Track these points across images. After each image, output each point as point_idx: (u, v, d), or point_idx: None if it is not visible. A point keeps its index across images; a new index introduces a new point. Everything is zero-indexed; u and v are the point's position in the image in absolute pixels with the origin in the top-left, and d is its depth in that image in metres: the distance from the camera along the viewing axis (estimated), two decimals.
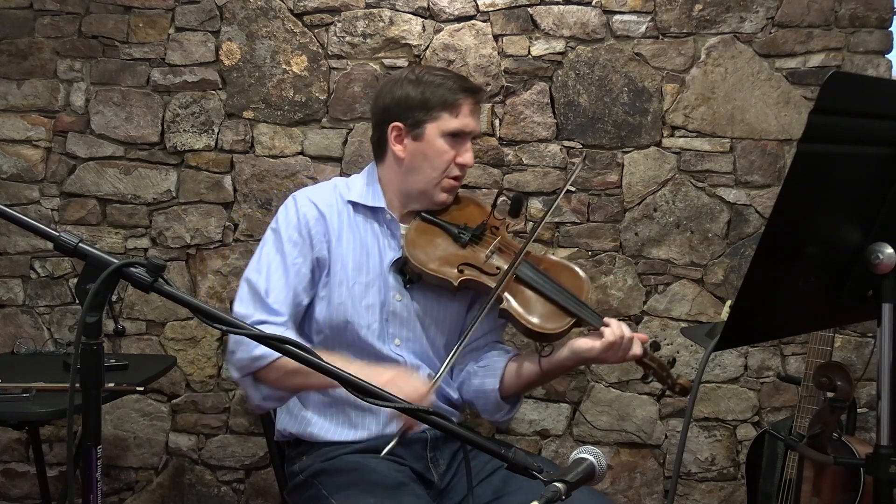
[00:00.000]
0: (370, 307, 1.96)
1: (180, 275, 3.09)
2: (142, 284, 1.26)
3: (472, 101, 1.99)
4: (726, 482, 3.05)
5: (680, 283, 3.02)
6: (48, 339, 3.12)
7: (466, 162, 1.99)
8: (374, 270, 1.98)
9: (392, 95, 1.99)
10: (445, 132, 1.96)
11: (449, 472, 1.97)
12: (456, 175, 2.00)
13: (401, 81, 2.00)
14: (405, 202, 2.03)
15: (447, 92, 1.96)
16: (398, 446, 1.73)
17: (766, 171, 2.97)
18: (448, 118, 1.96)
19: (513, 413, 2.07)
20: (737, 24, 2.96)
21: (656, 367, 1.95)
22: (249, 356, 1.81)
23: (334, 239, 1.97)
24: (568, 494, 1.21)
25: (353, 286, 1.95)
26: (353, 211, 2.01)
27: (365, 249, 1.99)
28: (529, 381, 1.99)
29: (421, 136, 1.97)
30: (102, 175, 3.09)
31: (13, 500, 3.16)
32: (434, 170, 1.98)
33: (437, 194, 2.00)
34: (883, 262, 1.35)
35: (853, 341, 2.98)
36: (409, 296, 1.99)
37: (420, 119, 1.96)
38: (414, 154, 1.98)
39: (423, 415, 1.30)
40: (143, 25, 3.06)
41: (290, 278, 1.91)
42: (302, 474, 1.95)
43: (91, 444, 1.27)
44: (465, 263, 1.96)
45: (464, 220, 2.03)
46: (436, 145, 1.96)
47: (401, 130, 1.98)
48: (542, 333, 1.91)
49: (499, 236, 2.03)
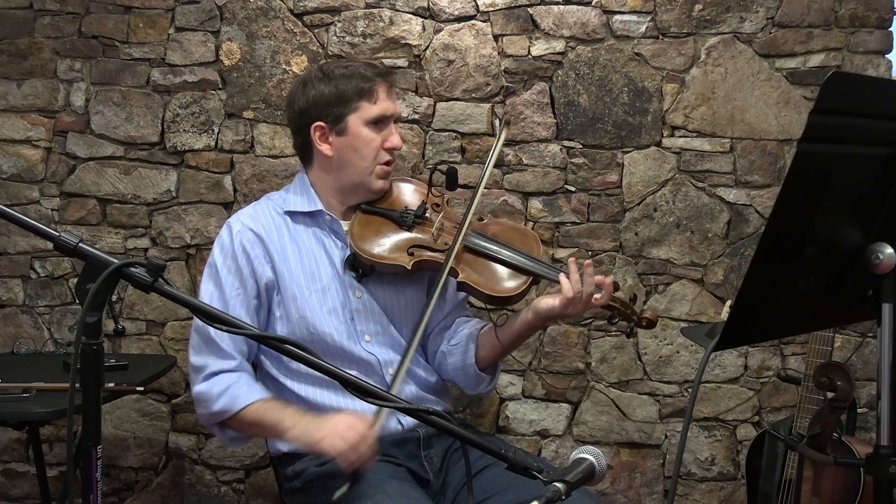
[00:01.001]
0: (332, 311, 1.95)
1: (180, 275, 3.09)
2: (142, 284, 1.26)
3: (386, 85, 1.99)
4: (726, 482, 3.05)
5: (680, 283, 3.02)
6: (48, 339, 3.12)
7: (395, 145, 2.00)
8: (328, 274, 1.98)
9: (306, 97, 1.99)
10: (368, 120, 1.96)
11: (443, 469, 1.97)
12: (387, 160, 2.00)
13: (311, 82, 2.00)
14: (343, 199, 2.03)
15: (359, 80, 1.96)
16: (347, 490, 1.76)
17: (766, 171, 2.97)
18: (367, 106, 1.96)
19: (493, 384, 2.08)
20: (737, 24, 2.96)
21: (619, 305, 1.94)
22: (209, 412, 1.91)
23: (276, 256, 1.96)
24: (568, 494, 1.21)
25: (310, 296, 1.95)
26: (293, 221, 2.01)
27: (312, 256, 1.98)
28: (502, 348, 2.00)
29: (344, 129, 1.97)
30: (102, 175, 3.09)
31: (13, 500, 3.16)
32: (364, 159, 1.98)
33: (373, 182, 2.00)
34: (883, 262, 1.35)
35: (853, 341, 2.98)
36: (367, 290, 1.99)
37: (340, 113, 1.96)
38: (342, 149, 1.98)
39: (422, 415, 1.30)
40: (143, 25, 3.06)
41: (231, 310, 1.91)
42: (297, 480, 1.94)
43: (91, 444, 1.27)
44: (414, 245, 1.97)
45: (403, 203, 2.04)
46: (361, 135, 1.97)
47: (324, 129, 1.97)
48: (502, 297, 1.93)
49: (441, 212, 2.03)
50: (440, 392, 2.09)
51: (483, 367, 2.02)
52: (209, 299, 1.94)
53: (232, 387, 1.89)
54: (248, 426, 1.91)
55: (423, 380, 2.04)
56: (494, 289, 1.92)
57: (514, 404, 3.07)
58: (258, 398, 1.89)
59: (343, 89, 1.96)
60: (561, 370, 3.05)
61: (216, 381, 1.90)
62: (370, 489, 1.79)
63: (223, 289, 1.94)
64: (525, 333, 1.97)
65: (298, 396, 1.95)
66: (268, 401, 1.89)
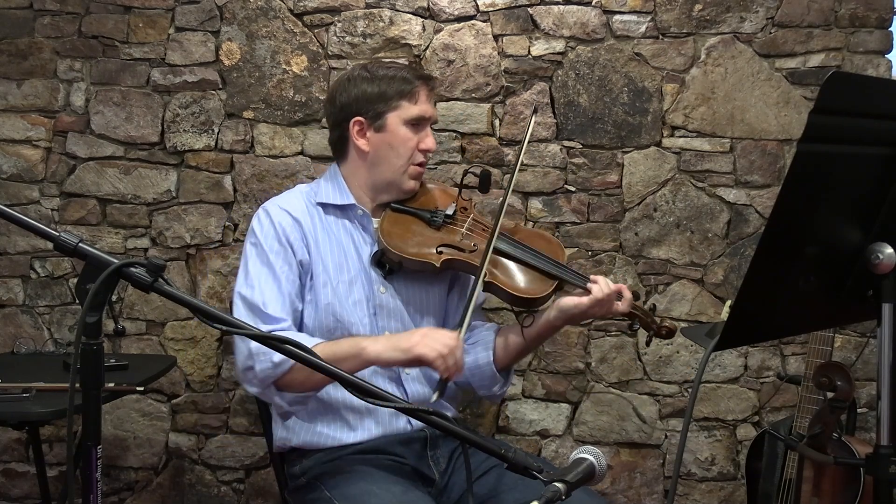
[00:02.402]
0: (357, 303, 1.97)
1: (180, 275, 3.08)
2: (142, 284, 1.26)
3: (427, 88, 2.03)
4: (726, 482, 3.05)
5: (680, 283, 3.02)
6: (48, 339, 3.12)
7: (429, 147, 2.03)
8: (355, 267, 2.00)
9: (348, 94, 2.02)
10: (407, 120, 1.99)
11: (449, 470, 1.98)
12: (421, 161, 2.03)
13: (354, 80, 2.03)
14: (374, 196, 2.05)
15: (402, 81, 2.00)
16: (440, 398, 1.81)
17: (766, 171, 2.97)
18: (408, 106, 1.99)
19: (506, 386, 2.10)
20: (737, 24, 2.96)
21: (640, 314, 2.01)
22: (271, 364, 1.81)
23: (312, 242, 1.98)
24: (568, 494, 1.21)
25: (338, 285, 1.96)
26: (324, 212, 2.03)
27: (342, 248, 2.00)
28: (519, 350, 2.03)
29: (383, 126, 1.99)
30: (102, 175, 3.09)
31: (13, 500, 3.16)
32: (399, 158, 2.00)
33: (406, 182, 2.03)
34: (883, 262, 1.35)
35: (853, 341, 2.98)
36: (392, 287, 2.01)
37: (380, 111, 1.99)
38: (378, 146, 2.00)
39: (422, 415, 1.30)
40: (143, 25, 3.06)
41: (282, 287, 1.92)
42: (303, 476, 1.95)
43: (91, 444, 1.27)
44: (443, 244, 2.00)
45: (433, 204, 2.07)
46: (399, 134, 2.00)
47: (363, 124, 2.00)
48: (529, 299, 1.96)
49: (470, 215, 2.07)
50: (452, 398, 2.11)
51: (499, 368, 2.04)
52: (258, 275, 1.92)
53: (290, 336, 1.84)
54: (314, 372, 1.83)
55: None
56: (520, 290, 1.95)
57: (514, 404, 3.07)
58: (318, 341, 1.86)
59: (385, 88, 1.99)
60: (561, 370, 3.05)
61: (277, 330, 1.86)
62: (373, 486, 1.80)
63: (272, 268, 1.93)
64: (544, 334, 2.01)
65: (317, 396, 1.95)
66: (325, 342, 1.86)
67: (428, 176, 2.98)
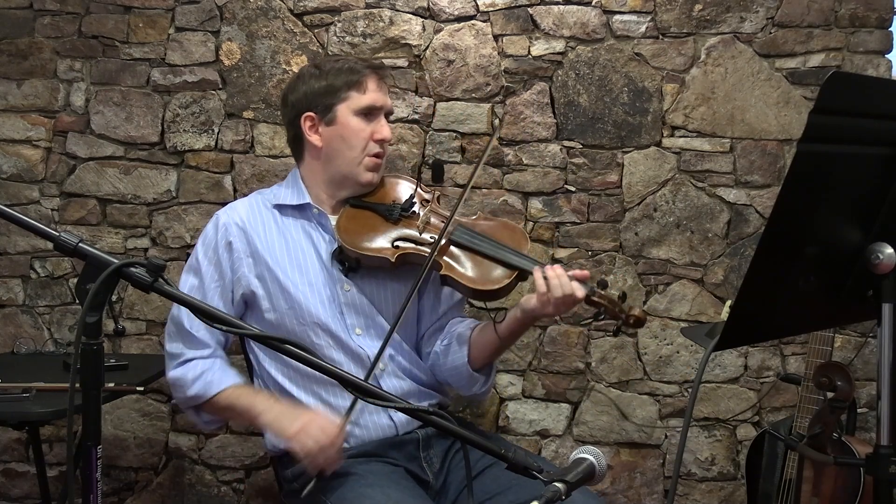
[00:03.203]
0: (322, 304, 1.96)
1: (180, 275, 3.08)
2: (142, 284, 1.26)
3: (376, 77, 2.01)
4: (726, 482, 3.05)
5: (680, 283, 3.02)
6: (48, 339, 3.12)
7: (384, 136, 2.00)
8: (315, 267, 1.98)
9: (298, 91, 2.02)
10: (357, 110, 1.98)
11: (443, 470, 1.96)
12: (377, 152, 2.01)
13: (304, 77, 2.03)
14: (333, 192, 2.04)
15: (350, 72, 1.99)
16: (311, 490, 1.80)
17: (766, 171, 2.97)
18: (356, 96, 1.98)
19: (488, 385, 2.06)
20: (737, 24, 2.96)
21: (606, 303, 1.84)
22: (185, 396, 1.95)
23: (262, 249, 1.97)
24: (568, 494, 1.21)
25: (298, 288, 1.95)
26: (281, 214, 2.02)
27: (300, 249, 1.99)
28: (494, 348, 1.98)
29: (333, 119, 1.99)
30: (102, 175, 3.09)
31: (13, 500, 3.16)
32: (353, 149, 1.99)
33: (362, 174, 2.01)
34: (883, 262, 1.35)
35: (853, 341, 2.98)
36: (355, 284, 1.99)
37: (329, 103, 1.98)
38: (331, 139, 1.99)
39: (422, 415, 1.30)
40: (143, 25, 3.06)
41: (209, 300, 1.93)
42: (296, 481, 1.94)
43: (91, 444, 1.27)
44: (399, 238, 1.97)
45: (392, 198, 2.05)
46: (350, 125, 1.98)
47: (314, 119, 2.00)
48: (486, 291, 1.92)
49: (429, 207, 2.03)
50: (437, 388, 2.08)
51: (477, 368, 2.00)
52: (188, 289, 1.97)
53: (206, 373, 1.93)
54: (223, 410, 1.96)
55: (416, 375, 2.03)
56: (476, 282, 1.91)
57: (514, 404, 3.07)
58: (231, 383, 1.93)
59: (332, 80, 1.99)
60: (561, 370, 3.05)
61: (191, 367, 1.94)
62: (368, 489, 1.79)
63: (203, 279, 1.97)
64: (516, 331, 1.95)
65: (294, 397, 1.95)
66: (241, 386, 1.94)
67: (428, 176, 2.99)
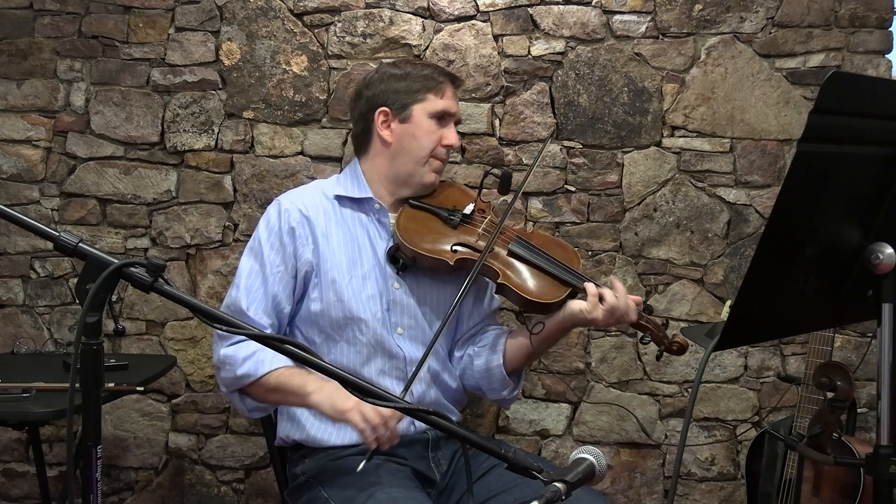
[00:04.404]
0: (371, 298, 1.98)
1: (180, 275, 3.08)
2: (142, 284, 1.26)
3: (453, 86, 2.07)
4: (726, 482, 3.05)
5: (680, 283, 3.02)
6: (48, 339, 3.12)
7: (452, 142, 2.05)
8: (369, 262, 2.00)
9: (376, 87, 2.06)
10: (432, 113, 2.02)
11: (450, 471, 1.98)
12: (442, 156, 2.05)
13: (382, 74, 2.07)
14: (394, 189, 2.06)
15: (430, 77, 2.04)
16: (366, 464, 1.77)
17: (766, 171, 2.97)
18: (433, 99, 2.03)
19: (517, 391, 2.11)
20: (737, 24, 2.96)
21: (653, 328, 2.00)
22: (234, 375, 1.91)
23: (321, 238, 1.98)
24: (568, 494, 1.21)
25: (350, 281, 1.97)
26: (340, 206, 2.04)
27: (356, 243, 2.01)
28: (527, 354, 2.03)
29: (408, 117, 2.02)
30: (102, 175, 3.09)
31: (13, 500, 3.16)
32: (422, 149, 2.02)
33: (426, 175, 2.04)
34: (883, 262, 1.35)
35: (853, 341, 2.98)
36: (406, 283, 2.01)
37: (406, 102, 2.02)
38: (402, 136, 2.03)
39: (422, 415, 1.30)
40: (143, 25, 3.06)
41: (269, 286, 1.95)
42: (304, 476, 1.95)
43: (91, 444, 1.27)
44: (458, 243, 2.00)
45: (451, 203, 2.08)
46: (423, 125, 2.02)
47: (388, 115, 2.03)
48: (540, 303, 1.96)
49: (487, 217, 2.07)
50: (458, 401, 2.12)
51: (510, 371, 2.05)
52: (248, 273, 1.97)
53: (258, 352, 1.90)
54: (271, 392, 1.91)
55: (446, 385, 2.06)
56: (533, 293, 1.95)
57: (514, 404, 3.05)
58: (283, 364, 1.90)
59: (412, 81, 2.03)
60: (561, 370, 3.05)
61: (242, 346, 1.92)
62: (371, 487, 1.80)
63: (264, 265, 1.97)
64: (553, 337, 2.01)
65: None
66: (292, 367, 1.90)
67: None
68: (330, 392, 1.84)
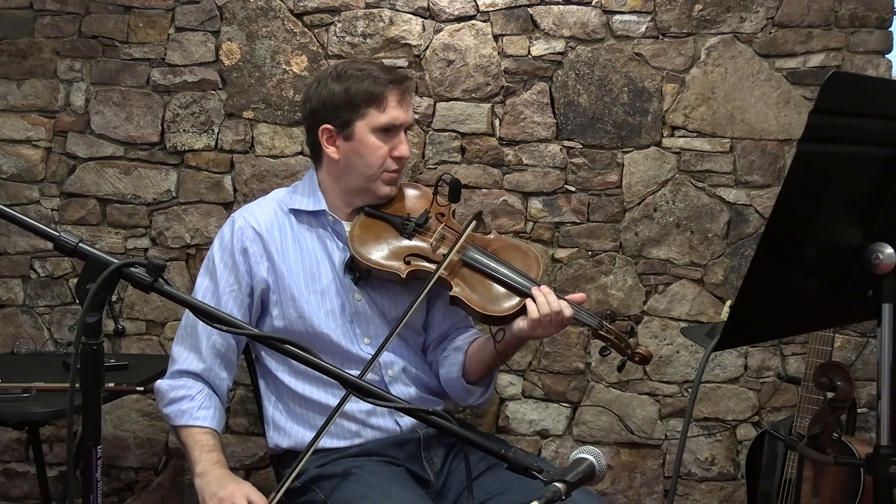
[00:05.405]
0: (330, 313, 1.95)
1: (180, 275, 3.08)
2: (142, 284, 1.26)
3: (398, 92, 1.95)
4: (726, 482, 3.05)
5: (680, 283, 3.02)
6: (48, 339, 3.12)
7: (402, 154, 1.96)
8: (327, 276, 1.97)
9: (318, 97, 1.97)
10: (375, 128, 1.93)
11: (444, 470, 1.96)
12: (394, 168, 1.97)
13: (325, 80, 1.98)
14: (349, 201, 2.01)
15: (370, 85, 1.93)
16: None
17: (766, 171, 2.97)
18: (375, 114, 1.93)
19: (486, 396, 2.05)
20: (737, 24, 2.96)
21: (613, 338, 1.90)
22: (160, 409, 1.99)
23: (276, 255, 1.95)
24: (568, 494, 1.21)
25: (309, 296, 1.94)
26: (297, 220, 2.00)
27: (314, 257, 1.98)
28: (489, 363, 1.98)
29: (351, 135, 1.94)
30: (102, 175, 3.09)
31: (13, 500, 3.16)
32: (369, 167, 1.95)
33: (379, 188, 1.99)
34: (883, 262, 1.35)
35: (853, 341, 2.98)
36: (366, 294, 1.97)
37: (347, 118, 1.93)
38: (348, 154, 1.96)
39: (422, 415, 1.30)
40: (143, 25, 3.06)
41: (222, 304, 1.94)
42: (297, 480, 1.94)
43: (91, 444, 1.27)
44: (411, 254, 1.94)
45: (407, 209, 2.02)
46: (367, 142, 1.94)
47: (331, 132, 1.96)
48: (493, 317, 1.89)
49: (444, 222, 2.00)
50: (441, 394, 2.09)
51: (473, 380, 2.01)
52: (203, 292, 1.98)
53: (184, 401, 1.93)
54: (179, 439, 1.98)
55: (424, 382, 2.04)
56: (486, 308, 1.89)
57: (514, 404, 3.07)
58: (199, 425, 1.92)
59: (353, 93, 1.93)
60: (561, 370, 3.05)
61: (178, 384, 1.94)
62: (368, 489, 1.79)
63: (218, 283, 1.96)
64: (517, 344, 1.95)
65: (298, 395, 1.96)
66: (205, 432, 1.92)
67: (429, 176, 2.99)
68: (209, 479, 1.85)
